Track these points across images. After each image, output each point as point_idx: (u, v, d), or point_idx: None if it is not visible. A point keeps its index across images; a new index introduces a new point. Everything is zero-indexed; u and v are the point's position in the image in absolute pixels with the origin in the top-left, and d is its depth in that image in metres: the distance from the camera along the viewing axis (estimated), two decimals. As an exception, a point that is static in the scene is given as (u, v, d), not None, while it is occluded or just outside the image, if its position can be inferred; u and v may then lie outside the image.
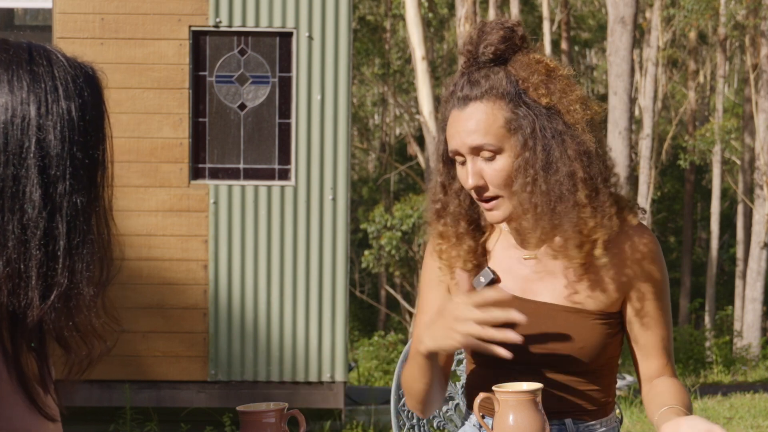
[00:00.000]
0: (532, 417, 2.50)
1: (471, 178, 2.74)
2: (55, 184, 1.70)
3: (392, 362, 19.86)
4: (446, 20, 28.72)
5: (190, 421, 9.24)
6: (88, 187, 1.74)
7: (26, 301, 1.69)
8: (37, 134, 1.70)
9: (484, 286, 2.84)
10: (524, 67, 2.75)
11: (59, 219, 1.70)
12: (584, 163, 2.72)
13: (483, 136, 2.72)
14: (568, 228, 2.72)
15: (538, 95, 2.73)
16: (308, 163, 9.23)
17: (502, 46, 2.76)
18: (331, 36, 9.25)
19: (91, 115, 1.75)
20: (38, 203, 1.69)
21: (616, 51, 13.77)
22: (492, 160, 2.74)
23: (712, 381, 15.90)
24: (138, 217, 9.07)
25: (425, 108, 19.41)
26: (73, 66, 1.77)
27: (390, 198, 28.71)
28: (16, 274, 1.69)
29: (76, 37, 9.06)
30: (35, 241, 1.69)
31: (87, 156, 1.74)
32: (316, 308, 9.24)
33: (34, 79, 1.72)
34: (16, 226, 1.68)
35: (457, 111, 2.76)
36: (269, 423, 2.43)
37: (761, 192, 22.88)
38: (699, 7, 23.25)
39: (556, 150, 2.71)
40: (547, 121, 2.72)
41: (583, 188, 2.71)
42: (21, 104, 1.71)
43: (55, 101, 1.72)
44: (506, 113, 2.72)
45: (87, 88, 1.76)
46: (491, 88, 2.73)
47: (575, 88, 2.78)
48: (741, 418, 9.38)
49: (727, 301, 28.11)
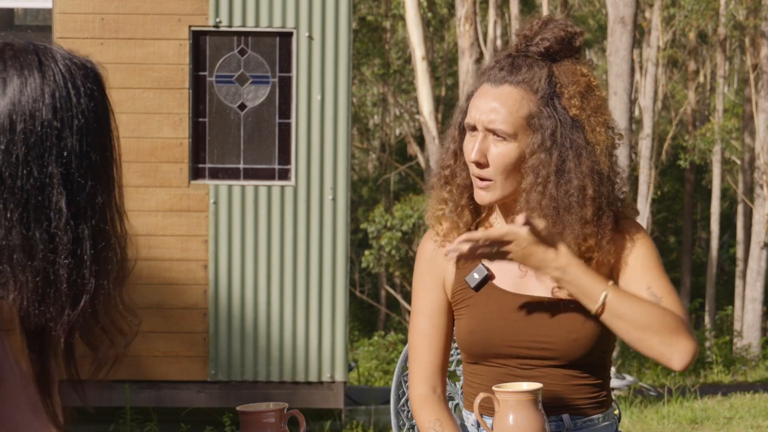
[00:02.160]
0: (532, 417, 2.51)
1: (475, 153, 2.79)
2: (78, 188, 1.68)
3: (392, 362, 19.85)
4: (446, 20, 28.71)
5: (190, 421, 9.24)
6: (107, 186, 1.72)
7: (58, 309, 1.67)
8: (56, 140, 1.67)
9: (478, 281, 2.86)
10: (568, 74, 2.81)
11: (83, 223, 1.68)
12: (595, 182, 2.77)
13: (502, 120, 2.77)
14: (569, 239, 2.75)
15: (570, 104, 2.78)
16: (308, 163, 9.22)
17: (557, 45, 2.82)
18: (331, 36, 9.25)
19: (101, 113, 1.73)
20: (64, 210, 1.66)
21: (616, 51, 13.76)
22: (500, 143, 2.78)
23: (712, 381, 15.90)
24: (138, 217, 9.07)
25: (425, 108, 19.40)
26: (78, 64, 1.74)
27: (390, 198, 28.70)
28: (46, 283, 1.66)
29: (76, 37, 9.05)
30: (64, 250, 1.66)
31: (102, 156, 1.72)
32: (316, 308, 9.24)
33: (45, 81, 1.69)
34: (44, 236, 1.65)
35: (489, 86, 2.81)
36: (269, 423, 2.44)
37: (761, 192, 22.88)
38: (699, 7, 23.24)
39: (571, 161, 2.76)
40: (570, 130, 2.77)
41: (591, 206, 2.76)
42: (38, 109, 1.67)
43: (68, 103, 1.69)
44: (533, 107, 2.77)
45: (95, 86, 1.73)
46: (530, 78, 2.78)
47: (606, 112, 2.84)
48: (741, 418, 9.37)
49: (727, 301, 28.10)
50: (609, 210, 2.79)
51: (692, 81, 28.07)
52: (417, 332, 2.94)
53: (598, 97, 2.82)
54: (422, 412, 2.90)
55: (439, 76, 29.23)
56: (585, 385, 2.83)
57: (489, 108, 2.78)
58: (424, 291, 2.94)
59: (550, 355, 2.80)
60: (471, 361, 2.91)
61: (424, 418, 2.89)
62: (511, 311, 2.83)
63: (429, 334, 2.92)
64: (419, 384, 2.93)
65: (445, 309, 2.93)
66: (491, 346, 2.84)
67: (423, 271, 2.95)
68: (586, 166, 2.75)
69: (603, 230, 2.77)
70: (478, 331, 2.85)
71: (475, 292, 2.87)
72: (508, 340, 2.83)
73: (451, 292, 2.92)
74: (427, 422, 2.87)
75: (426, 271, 2.95)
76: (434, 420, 2.87)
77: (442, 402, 2.92)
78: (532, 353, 2.82)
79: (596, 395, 2.86)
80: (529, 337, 2.80)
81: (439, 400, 2.92)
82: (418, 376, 2.93)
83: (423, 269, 2.96)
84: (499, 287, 2.86)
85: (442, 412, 2.89)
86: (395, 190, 29.72)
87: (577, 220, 2.75)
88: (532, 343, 2.81)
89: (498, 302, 2.85)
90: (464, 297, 2.89)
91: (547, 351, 2.79)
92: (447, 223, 2.91)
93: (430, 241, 2.96)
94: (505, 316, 2.83)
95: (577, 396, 2.84)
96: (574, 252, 2.74)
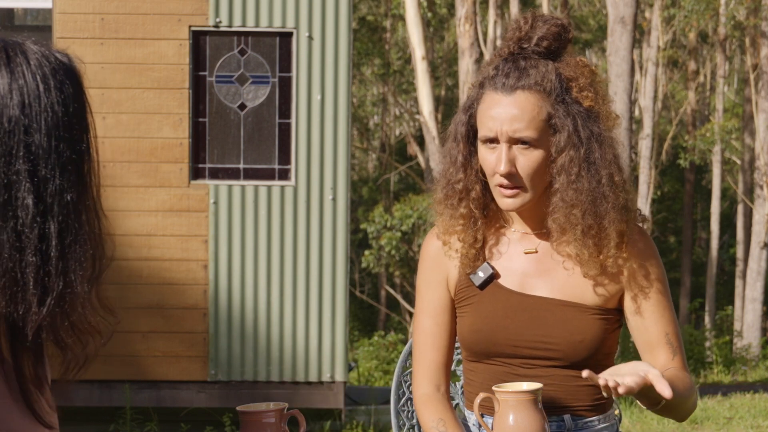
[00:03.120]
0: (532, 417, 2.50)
1: (504, 165, 2.75)
2: (45, 184, 1.66)
3: (392, 362, 19.85)
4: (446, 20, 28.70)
5: (190, 421, 9.24)
6: (77, 182, 1.69)
7: (25, 308, 1.65)
8: (24, 136, 1.65)
9: (483, 280, 2.86)
10: (572, 67, 2.80)
11: (51, 220, 1.66)
12: (620, 168, 2.80)
13: (526, 127, 2.74)
14: (610, 228, 2.76)
15: (582, 97, 2.78)
16: (308, 163, 9.22)
17: (556, 42, 2.81)
18: (331, 36, 9.25)
19: (74, 108, 1.70)
20: (31, 207, 1.64)
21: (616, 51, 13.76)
22: (527, 150, 2.76)
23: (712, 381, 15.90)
24: (138, 217, 9.07)
25: (425, 108, 19.40)
26: (50, 59, 1.71)
27: (390, 198, 28.70)
28: (13, 282, 1.64)
29: (76, 37, 9.05)
30: (30, 247, 1.64)
31: (73, 150, 1.69)
32: (316, 308, 9.24)
33: (14, 78, 1.67)
34: (10, 234, 1.64)
35: (500, 95, 2.76)
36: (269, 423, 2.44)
37: (761, 192, 22.87)
38: (699, 7, 23.24)
39: (596, 152, 2.77)
40: (587, 122, 2.77)
41: (621, 191, 2.78)
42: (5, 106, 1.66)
43: (37, 98, 1.67)
44: (550, 108, 2.76)
45: (67, 80, 1.71)
46: (541, 80, 2.76)
47: (609, 97, 2.86)
48: (741, 418, 9.37)
49: (727, 301, 28.10)
50: (627, 195, 2.81)
51: (692, 81, 28.06)
52: (421, 331, 2.93)
53: (602, 83, 2.84)
54: (426, 411, 2.89)
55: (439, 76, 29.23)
56: (587, 386, 2.83)
57: (509, 117, 2.74)
58: (427, 289, 2.93)
59: (554, 355, 2.79)
60: (473, 359, 2.91)
61: (427, 417, 2.88)
62: (515, 311, 2.83)
63: (433, 332, 2.91)
64: (423, 382, 2.91)
65: (449, 307, 2.92)
66: (494, 345, 2.84)
67: (427, 270, 2.94)
68: (610, 154, 2.77)
69: (630, 214, 2.80)
70: (482, 330, 2.84)
71: (480, 291, 2.86)
72: (512, 340, 2.83)
73: (455, 290, 2.91)
74: (430, 422, 2.87)
75: (430, 270, 2.94)
76: (437, 420, 2.86)
77: (446, 401, 2.91)
78: (536, 353, 2.81)
79: (598, 396, 2.85)
80: (533, 337, 2.80)
81: (442, 399, 2.90)
82: (421, 374, 2.92)
83: (427, 267, 2.94)
84: (504, 286, 2.86)
85: (445, 412, 2.88)
86: (395, 190, 29.72)
87: (613, 207, 2.76)
88: (536, 344, 2.80)
89: (503, 301, 2.84)
90: (468, 295, 2.88)
91: (551, 351, 2.78)
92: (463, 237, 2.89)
93: (433, 240, 2.94)
94: (510, 316, 2.83)
95: (578, 397, 2.83)
96: (614, 239, 2.76)
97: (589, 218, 2.75)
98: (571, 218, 2.76)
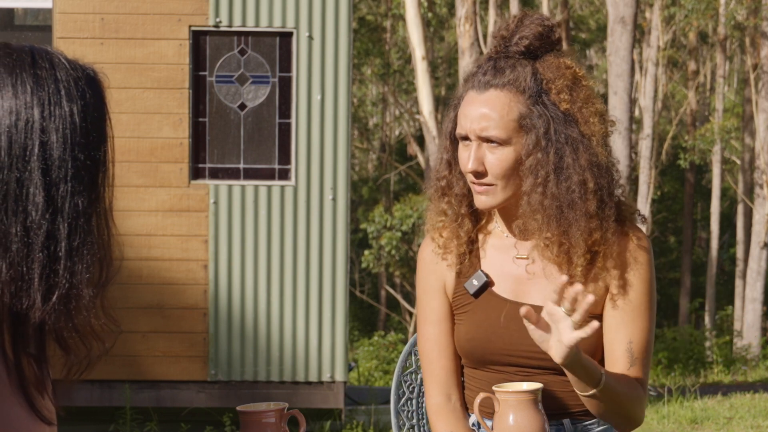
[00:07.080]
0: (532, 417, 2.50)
1: (471, 163, 2.74)
2: (57, 186, 1.71)
3: (392, 362, 19.85)
4: (446, 20, 28.71)
5: (190, 421, 9.24)
6: (90, 189, 1.75)
7: (29, 303, 1.70)
8: (40, 137, 1.71)
9: (477, 288, 2.84)
10: (552, 68, 2.76)
11: (61, 221, 1.71)
12: (594, 174, 2.72)
13: (494, 126, 2.72)
14: (576, 236, 2.72)
15: (560, 99, 2.73)
16: (308, 163, 9.22)
17: (536, 42, 2.76)
18: (331, 36, 9.25)
19: (93, 117, 1.76)
20: (41, 206, 1.70)
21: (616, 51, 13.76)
22: (496, 149, 2.74)
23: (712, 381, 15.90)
24: (138, 217, 9.07)
25: (425, 108, 19.40)
26: (75, 68, 1.78)
27: (390, 198, 28.70)
28: (19, 276, 1.69)
29: (76, 37, 9.05)
30: (38, 244, 1.70)
31: (88, 157, 1.75)
32: (316, 308, 9.24)
33: (37, 82, 1.74)
34: (19, 229, 1.69)
35: (475, 93, 2.75)
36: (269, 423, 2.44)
37: (761, 192, 22.87)
38: (699, 7, 23.24)
39: (569, 156, 2.71)
40: (563, 126, 2.72)
41: (593, 199, 2.72)
42: (25, 108, 1.72)
43: (58, 104, 1.73)
44: (522, 108, 2.72)
45: (89, 90, 1.77)
46: (515, 79, 2.73)
47: (596, 101, 2.78)
48: (741, 418, 9.38)
49: (727, 301, 28.09)
50: (611, 201, 2.75)
51: (692, 81, 28.06)
52: (426, 340, 2.90)
53: (586, 87, 2.77)
54: (438, 422, 2.87)
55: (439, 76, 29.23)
56: None
57: (479, 115, 2.73)
58: (427, 297, 2.91)
59: (549, 365, 2.75)
60: (471, 366, 2.90)
61: (439, 428, 2.87)
62: (510, 319, 2.80)
63: (438, 340, 2.89)
64: (434, 392, 2.89)
65: (450, 313, 2.90)
66: (490, 354, 2.82)
67: (424, 278, 2.93)
68: (584, 160, 2.71)
69: (607, 222, 2.74)
70: (477, 338, 2.83)
71: (475, 299, 2.85)
72: (507, 349, 2.81)
73: (452, 297, 2.89)
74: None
75: (427, 278, 2.92)
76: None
77: (458, 411, 2.88)
78: (531, 362, 2.80)
79: None
80: (528, 346, 2.76)
81: (454, 409, 2.88)
82: (432, 383, 2.89)
83: (424, 275, 2.93)
84: (498, 294, 2.84)
85: (457, 423, 2.86)
86: (395, 190, 29.72)
87: (582, 215, 2.71)
88: (531, 353, 2.77)
89: (497, 310, 2.82)
90: (464, 303, 2.86)
91: (547, 360, 2.73)
92: (447, 233, 2.88)
93: (428, 247, 2.92)
94: (504, 324, 2.81)
95: (576, 402, 2.81)
96: (581, 248, 2.72)
97: (553, 225, 2.71)
98: (533, 223, 2.74)
